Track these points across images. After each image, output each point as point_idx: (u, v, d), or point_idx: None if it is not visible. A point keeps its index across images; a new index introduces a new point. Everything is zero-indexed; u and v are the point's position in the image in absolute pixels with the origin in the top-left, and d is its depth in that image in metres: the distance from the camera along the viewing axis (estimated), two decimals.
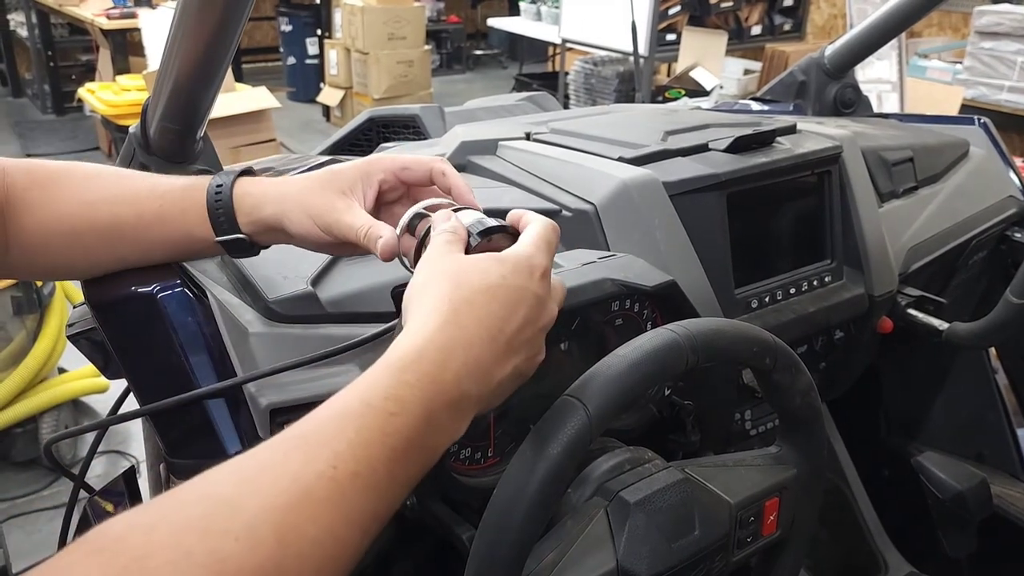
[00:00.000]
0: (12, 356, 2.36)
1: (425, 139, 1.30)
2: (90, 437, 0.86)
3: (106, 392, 2.56)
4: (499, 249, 0.60)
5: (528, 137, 1.13)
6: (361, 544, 0.45)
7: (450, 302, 0.53)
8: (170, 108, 0.85)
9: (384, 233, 0.64)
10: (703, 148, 1.04)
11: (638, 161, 0.99)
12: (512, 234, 0.62)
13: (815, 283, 1.08)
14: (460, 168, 1.07)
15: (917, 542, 1.25)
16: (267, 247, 0.73)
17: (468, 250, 0.60)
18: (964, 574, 1.07)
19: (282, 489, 0.42)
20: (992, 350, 1.44)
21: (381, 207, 0.71)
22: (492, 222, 0.62)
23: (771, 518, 0.74)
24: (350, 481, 0.44)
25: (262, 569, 0.39)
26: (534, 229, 0.60)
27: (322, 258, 0.82)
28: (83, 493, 0.89)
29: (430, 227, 0.63)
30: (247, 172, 0.72)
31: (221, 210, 0.69)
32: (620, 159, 1.00)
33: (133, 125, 0.92)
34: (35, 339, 2.40)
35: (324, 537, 0.42)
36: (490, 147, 1.10)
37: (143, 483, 0.96)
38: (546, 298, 0.58)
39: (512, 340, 0.55)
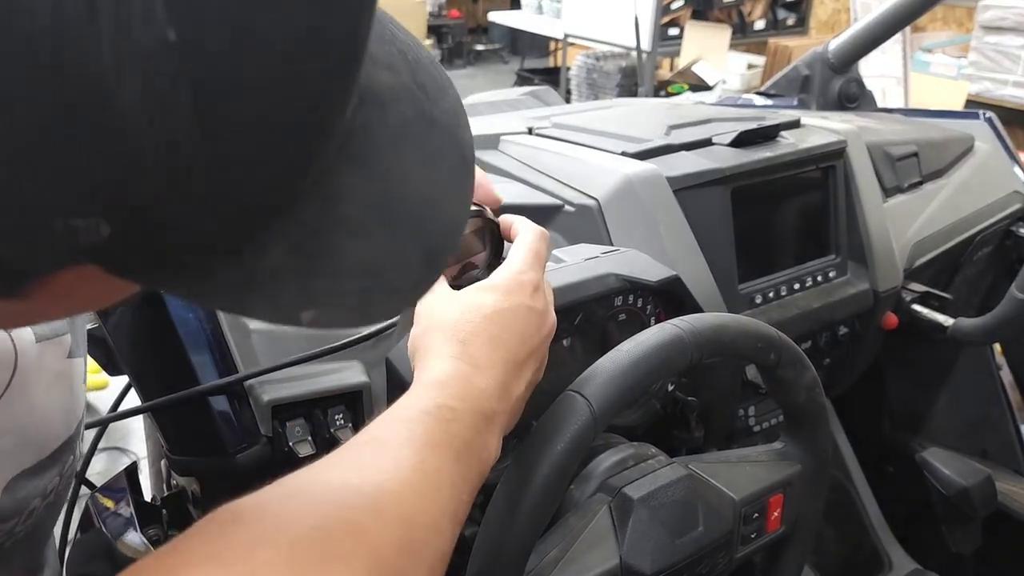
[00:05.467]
0: None
1: None
2: (91, 434, 0.86)
3: (106, 389, 2.56)
4: (474, 230, 0.63)
5: (530, 131, 1.13)
6: (452, 544, 0.45)
7: (457, 341, 0.54)
8: None
9: None
10: (707, 142, 1.04)
11: (641, 155, 0.99)
12: (488, 218, 0.64)
13: (819, 278, 1.08)
14: None
15: (921, 538, 1.24)
16: None
17: None
18: (968, 571, 1.07)
19: (388, 478, 0.43)
20: (997, 346, 1.43)
21: None
22: None
23: (775, 514, 0.74)
24: (436, 476, 0.45)
25: (397, 549, 0.40)
26: (523, 243, 0.61)
27: None
28: (85, 490, 0.89)
29: None
30: None
31: None
32: (623, 153, 0.99)
33: None
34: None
35: (432, 527, 0.43)
36: (492, 142, 1.10)
37: (144, 480, 0.96)
38: (544, 310, 0.59)
39: (521, 358, 0.56)
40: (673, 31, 4.54)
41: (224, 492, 0.40)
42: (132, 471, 0.81)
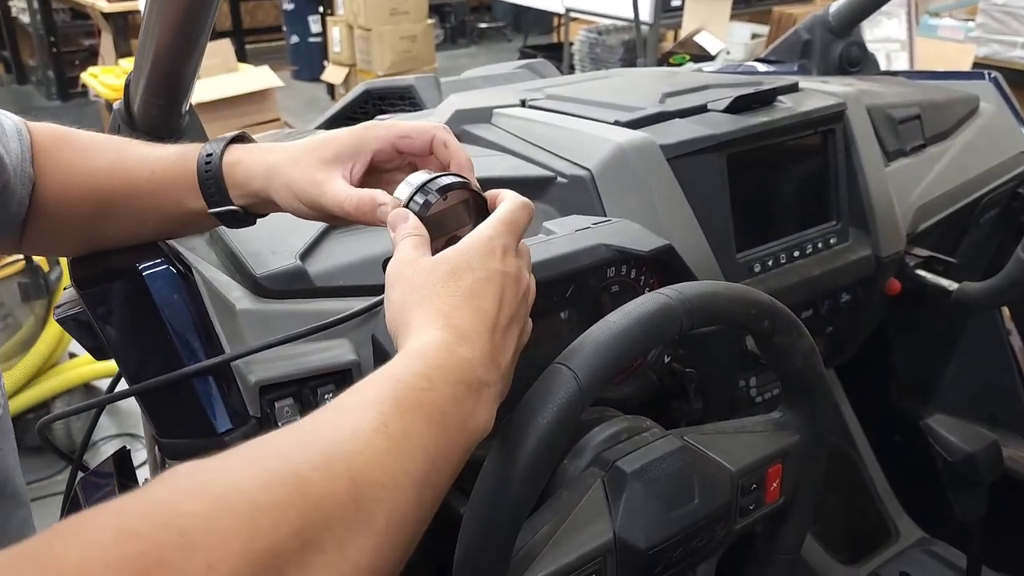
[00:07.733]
0: (22, 342, 2.36)
1: (421, 110, 1.28)
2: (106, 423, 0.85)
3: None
4: (458, 202, 0.62)
5: (523, 104, 1.11)
6: (421, 509, 0.45)
7: (440, 313, 0.54)
8: (152, 82, 0.83)
9: (382, 199, 0.62)
10: (702, 109, 1.02)
11: (634, 124, 0.97)
12: (472, 190, 0.63)
13: (820, 245, 1.06)
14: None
15: (928, 507, 1.23)
16: (265, 215, 0.72)
17: (429, 209, 0.60)
18: (976, 538, 1.05)
19: (344, 438, 0.43)
20: (1006, 311, 1.41)
21: (381, 175, 0.69)
22: (446, 179, 0.62)
23: (774, 485, 0.73)
24: (403, 439, 0.44)
25: (341, 501, 0.39)
26: (500, 210, 0.61)
27: (311, 232, 0.80)
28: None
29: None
30: (239, 139, 0.70)
31: (211, 181, 0.67)
32: (616, 123, 0.98)
33: (117, 102, 0.90)
34: (44, 325, 2.40)
35: (391, 486, 0.42)
36: (485, 115, 1.08)
37: (146, 467, 0.96)
38: (516, 273, 0.58)
39: (504, 324, 0.56)
40: (676, 3, 4.48)
41: None
42: (122, 455, 0.81)
